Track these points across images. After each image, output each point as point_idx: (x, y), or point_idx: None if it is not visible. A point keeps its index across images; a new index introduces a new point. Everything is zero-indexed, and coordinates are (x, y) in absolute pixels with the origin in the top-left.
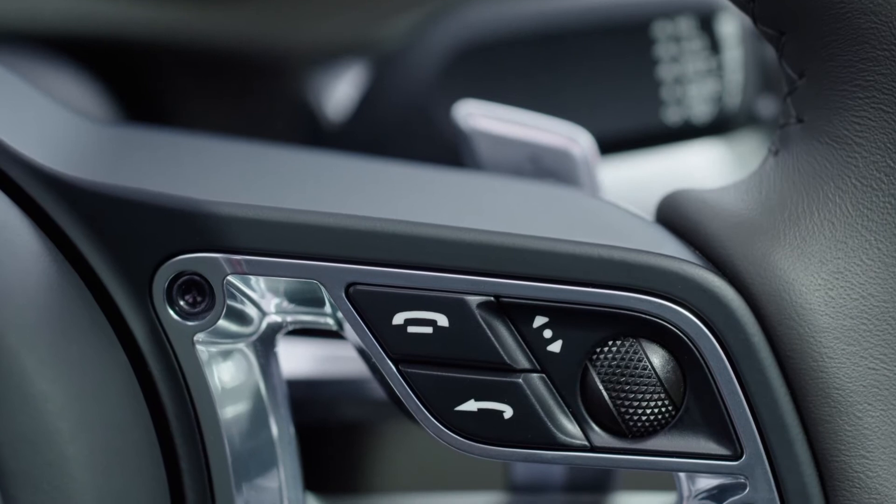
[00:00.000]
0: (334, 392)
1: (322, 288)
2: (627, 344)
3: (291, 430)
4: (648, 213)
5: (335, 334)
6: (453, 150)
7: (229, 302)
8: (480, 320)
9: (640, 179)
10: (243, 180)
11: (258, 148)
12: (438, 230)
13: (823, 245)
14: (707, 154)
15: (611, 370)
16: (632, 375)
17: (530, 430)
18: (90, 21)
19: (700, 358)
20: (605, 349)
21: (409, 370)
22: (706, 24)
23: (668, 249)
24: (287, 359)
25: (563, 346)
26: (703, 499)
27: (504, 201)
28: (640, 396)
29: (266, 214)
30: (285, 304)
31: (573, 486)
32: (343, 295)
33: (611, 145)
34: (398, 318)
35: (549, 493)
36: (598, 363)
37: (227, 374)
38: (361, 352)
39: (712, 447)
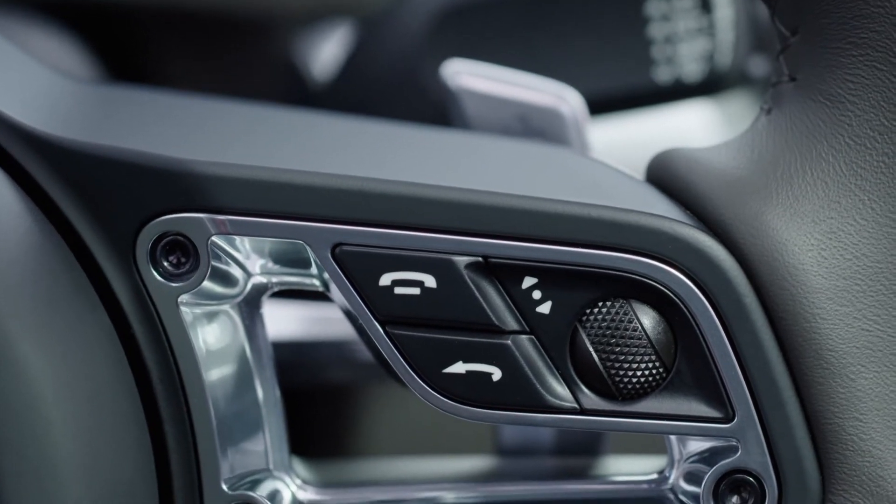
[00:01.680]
0: (320, 354)
1: (308, 248)
2: (618, 305)
3: (277, 392)
4: (639, 173)
5: (321, 296)
6: (441, 110)
7: (214, 263)
8: (468, 281)
9: (629, 139)
10: (228, 139)
11: (243, 107)
12: (426, 190)
13: (816, 205)
14: (698, 114)
15: (601, 332)
16: (622, 337)
17: (519, 393)
18: None
19: (691, 319)
20: (595, 310)
21: (396, 332)
22: None
23: (659, 209)
24: (273, 321)
25: (552, 308)
26: (693, 462)
27: (492, 161)
28: (630, 358)
29: (251, 174)
30: (271, 264)
31: (563, 450)
32: (329, 255)
33: (600, 105)
34: (385, 279)
35: (538, 457)
36: (588, 325)
37: (211, 336)
38: (348, 313)
39: (703, 410)
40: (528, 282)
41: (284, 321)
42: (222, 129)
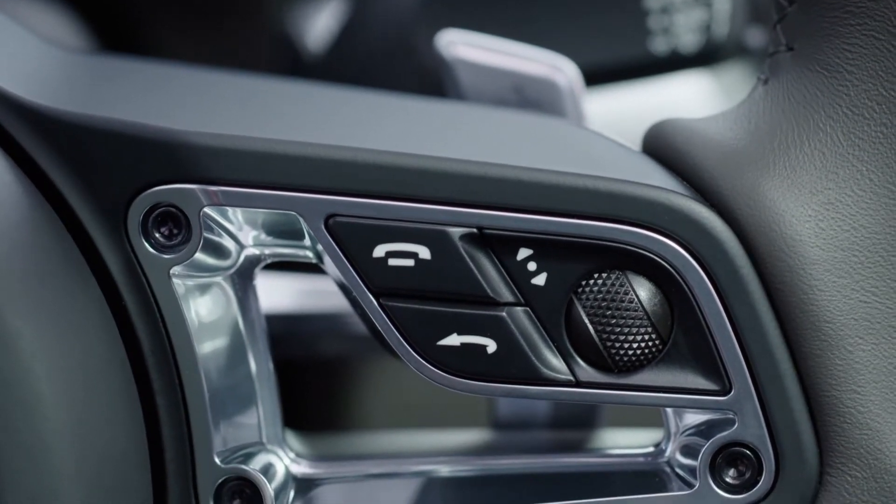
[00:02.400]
0: (314, 327)
1: (301, 220)
2: (613, 277)
3: (270, 365)
4: (635, 144)
5: (315, 268)
6: (436, 81)
7: (206, 234)
8: (463, 252)
9: (625, 110)
10: (220, 110)
11: (236, 78)
12: (420, 160)
13: (814, 175)
14: (694, 85)
15: (596, 303)
16: (618, 309)
17: (514, 365)
18: None
19: (688, 291)
20: (591, 282)
21: (390, 304)
22: None
23: (655, 180)
24: (266, 293)
25: (547, 279)
26: (690, 435)
27: (487, 131)
28: (626, 330)
29: (243, 144)
30: (263, 236)
31: (558, 423)
32: (322, 227)
33: (596, 76)
34: (379, 251)
35: (533, 430)
36: (584, 296)
37: (204, 309)
38: (342, 285)
39: (700, 382)
40: (524, 253)
41: (278, 294)
42: (215, 99)
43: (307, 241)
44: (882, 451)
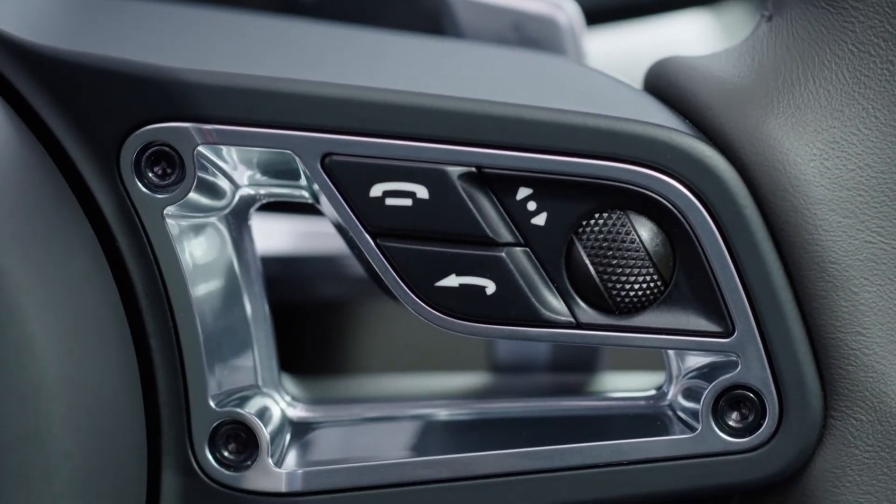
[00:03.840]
0: (311, 269)
1: (297, 159)
2: (615, 216)
3: (266, 308)
4: (636, 84)
5: (311, 209)
6: (434, 19)
7: (200, 174)
8: (462, 192)
9: (626, 50)
10: (215, 47)
11: (230, 15)
12: (418, 98)
13: (819, 113)
14: (696, 23)
15: (597, 244)
16: (619, 249)
17: (513, 307)
18: None
19: (690, 231)
20: (592, 222)
21: (387, 244)
22: None
23: (657, 118)
24: (261, 235)
25: (547, 219)
26: (692, 378)
27: (486, 69)
28: (627, 271)
29: (238, 82)
30: (259, 176)
31: (558, 366)
32: (318, 166)
33: (597, 14)
34: (376, 190)
35: (533, 373)
36: (584, 237)
37: (198, 250)
38: (338, 226)
39: (702, 324)
40: (523, 193)
41: (273, 235)
42: (209, 37)
43: (303, 181)
44: (887, 394)
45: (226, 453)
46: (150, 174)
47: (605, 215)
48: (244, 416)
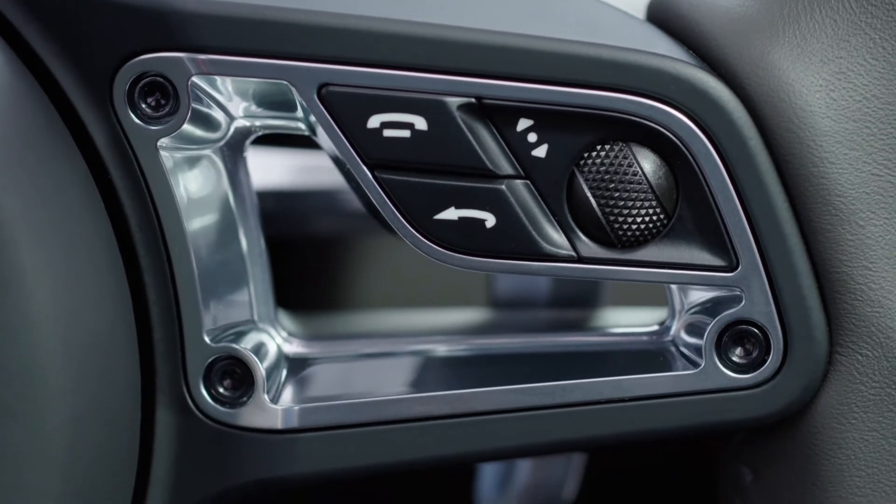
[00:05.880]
0: (307, 204)
1: (293, 89)
2: (617, 148)
3: (262, 243)
4: (639, 14)
5: (308, 143)
6: None
7: (194, 105)
8: (461, 123)
9: None
10: None
11: None
12: (417, 27)
13: (825, 44)
14: None
15: (599, 176)
16: (621, 181)
17: (514, 240)
18: None
19: (693, 163)
20: (594, 154)
21: (385, 176)
22: None
23: (661, 48)
24: (257, 169)
25: (548, 151)
26: (695, 313)
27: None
28: (629, 203)
29: (232, 10)
30: (254, 107)
31: (559, 302)
32: (315, 97)
33: None
34: (374, 121)
35: (533, 309)
36: (586, 169)
37: (193, 183)
38: (335, 159)
39: (706, 258)
40: (524, 124)
41: (270, 169)
42: None
43: (299, 113)
44: (893, 329)
45: (221, 389)
46: (144, 105)
47: (607, 147)
48: (240, 351)
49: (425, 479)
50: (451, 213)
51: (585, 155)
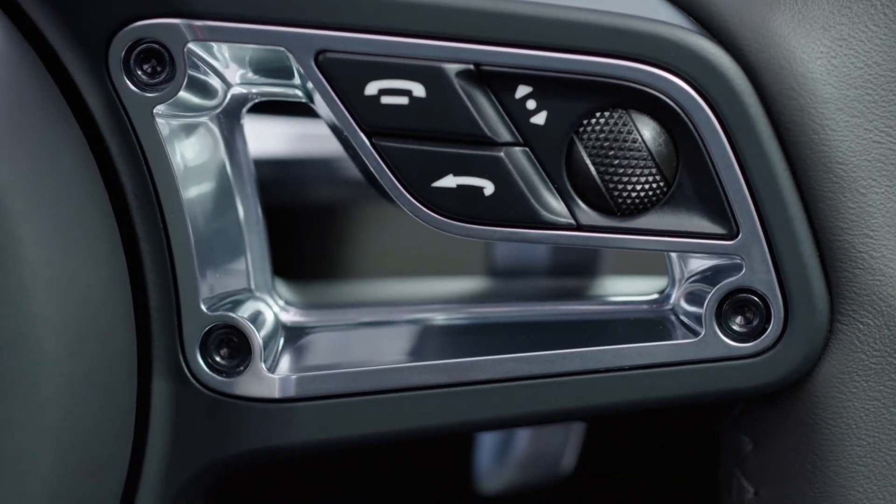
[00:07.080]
0: (305, 172)
1: (290, 56)
2: (616, 115)
3: (259, 211)
4: None
5: (306, 110)
6: None
7: (191, 72)
8: (459, 90)
9: None
10: None
11: None
12: None
13: (826, 10)
14: None
15: (598, 143)
16: (621, 149)
17: (512, 208)
18: None
19: (694, 130)
20: (593, 121)
21: (383, 143)
22: None
23: (661, 14)
24: (254, 137)
25: (547, 118)
26: (696, 282)
27: None
28: (629, 171)
29: None
30: (251, 74)
31: (558, 270)
32: (312, 63)
33: None
34: (371, 88)
35: (532, 278)
36: (585, 136)
37: (189, 150)
38: (333, 126)
39: (706, 226)
40: (522, 91)
41: (267, 137)
42: None
43: (297, 80)
44: (895, 298)
45: (217, 358)
46: (140, 72)
47: (607, 114)
48: (236, 319)
49: (423, 448)
50: (449, 181)
51: (585, 122)
